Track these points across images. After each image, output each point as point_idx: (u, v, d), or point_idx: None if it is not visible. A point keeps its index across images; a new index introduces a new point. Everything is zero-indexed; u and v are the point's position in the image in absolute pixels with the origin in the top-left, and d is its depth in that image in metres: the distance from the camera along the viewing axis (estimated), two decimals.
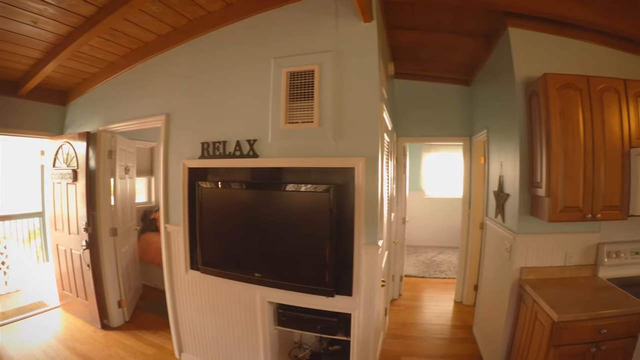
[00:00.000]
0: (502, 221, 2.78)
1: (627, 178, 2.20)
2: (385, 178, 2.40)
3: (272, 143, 2.30)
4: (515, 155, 2.48)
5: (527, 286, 2.33)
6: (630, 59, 2.62)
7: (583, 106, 2.17)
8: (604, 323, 1.97)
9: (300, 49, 2.28)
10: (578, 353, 1.99)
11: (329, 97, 2.16)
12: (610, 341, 1.99)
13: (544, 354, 2.00)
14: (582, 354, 1.99)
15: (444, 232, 6.93)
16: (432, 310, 4.05)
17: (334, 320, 2.27)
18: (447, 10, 2.53)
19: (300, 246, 2.20)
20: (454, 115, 4.03)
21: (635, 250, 2.51)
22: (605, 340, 1.98)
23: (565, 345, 1.97)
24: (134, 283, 3.94)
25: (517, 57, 2.40)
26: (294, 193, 2.17)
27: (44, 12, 2.23)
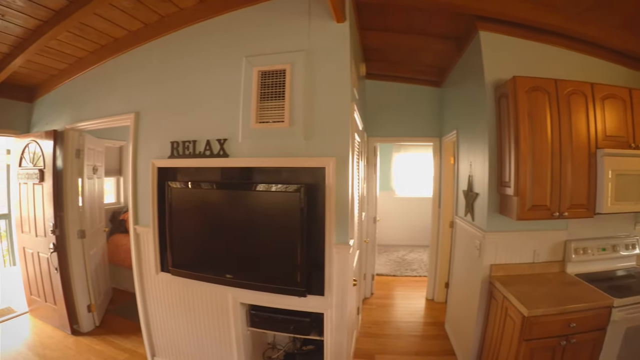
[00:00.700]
0: (471, 220, 2.83)
1: (594, 178, 2.28)
2: (355, 178, 2.40)
3: (243, 143, 2.26)
4: (485, 156, 2.51)
5: (497, 283, 2.38)
6: (597, 64, 2.71)
7: (551, 108, 2.23)
8: (573, 317, 2.03)
9: (273, 48, 2.25)
10: (549, 346, 2.04)
11: (300, 97, 2.13)
12: (580, 334, 2.06)
13: (516, 348, 2.04)
14: (553, 347, 2.05)
15: (414, 231, 7.03)
16: (404, 308, 4.08)
17: (307, 320, 2.25)
18: (420, 12, 2.53)
19: (272, 246, 2.16)
20: (425, 116, 4.09)
21: (602, 247, 2.59)
22: (575, 333, 2.04)
23: (536, 339, 2.01)
24: (104, 286, 3.81)
25: (487, 60, 2.44)
26: (265, 193, 2.13)
27: (13, 5, 2.11)
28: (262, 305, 2.32)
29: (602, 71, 2.71)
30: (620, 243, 2.64)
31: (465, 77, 2.95)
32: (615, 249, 2.62)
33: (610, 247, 2.61)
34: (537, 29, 2.46)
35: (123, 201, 5.13)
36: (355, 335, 3.12)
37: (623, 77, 2.79)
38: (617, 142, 2.33)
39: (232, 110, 2.29)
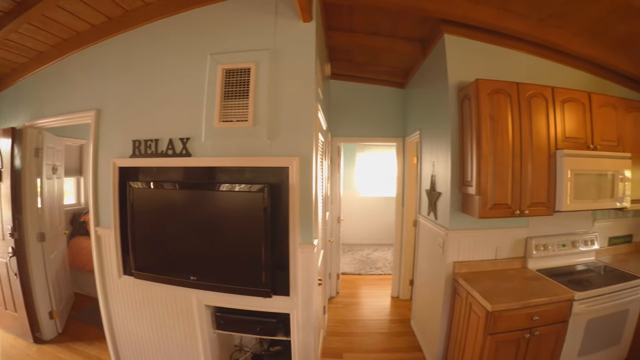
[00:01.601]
0: (434, 218, 2.88)
1: (553, 177, 2.35)
2: (319, 177, 2.39)
3: (206, 142, 2.21)
4: (447, 156, 2.56)
5: (460, 279, 2.42)
6: (558, 68, 2.81)
7: (512, 111, 2.29)
8: (536, 311, 2.10)
9: (238, 46, 2.21)
10: (513, 339, 2.10)
11: (265, 96, 2.11)
12: (543, 327, 2.14)
13: (481, 342, 2.09)
14: (517, 340, 2.11)
15: (378, 230, 7.15)
16: (370, 306, 4.12)
17: (273, 320, 2.24)
18: (386, 14, 2.55)
19: (236, 247, 2.13)
20: (388, 117, 4.14)
21: (562, 243, 2.69)
22: (538, 326, 2.13)
23: (500, 333, 2.07)
24: (65, 292, 3.64)
25: (451, 63, 2.49)
26: (228, 193, 2.09)
27: None
28: (228, 307, 2.27)
29: (563, 75, 2.81)
30: (580, 239, 2.75)
31: (429, 79, 2.99)
32: (575, 245, 2.73)
33: (570, 243, 2.71)
34: (501, 34, 2.53)
35: (84, 202, 4.91)
36: (323, 334, 3.12)
37: (583, 81, 2.90)
38: (576, 143, 2.42)
39: (195, 108, 2.23)
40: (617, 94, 2.92)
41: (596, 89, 2.86)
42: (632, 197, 2.64)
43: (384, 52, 3.26)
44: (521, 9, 2.29)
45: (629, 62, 2.85)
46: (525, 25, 2.42)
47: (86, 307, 3.80)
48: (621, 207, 2.56)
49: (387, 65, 3.70)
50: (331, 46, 3.16)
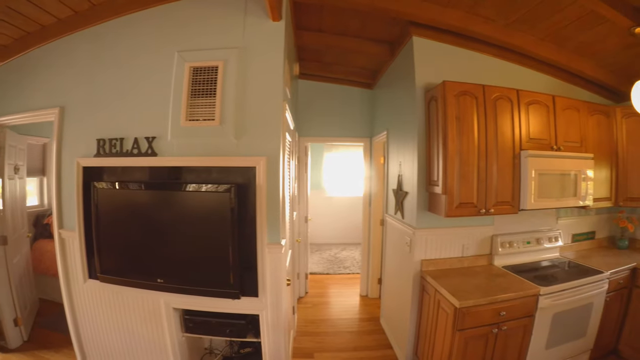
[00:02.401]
0: (401, 217, 2.92)
1: (518, 177, 2.43)
2: (286, 177, 2.38)
3: (172, 141, 2.16)
4: (414, 156, 2.60)
5: (428, 277, 2.47)
6: (523, 72, 2.91)
7: (478, 112, 2.34)
8: (503, 306, 2.16)
9: (206, 43, 2.18)
10: (481, 334, 2.16)
11: (232, 95, 2.08)
12: (510, 322, 2.21)
13: (450, 338, 2.14)
14: (485, 335, 2.16)
15: (346, 229, 7.25)
16: (339, 305, 4.14)
17: (243, 322, 2.21)
18: (356, 15, 2.57)
19: (203, 248, 2.09)
20: (356, 117, 4.19)
21: (527, 240, 2.78)
22: (506, 321, 2.19)
23: (469, 329, 2.12)
24: (30, 297, 3.48)
25: (418, 64, 2.54)
26: (195, 193, 2.05)
27: None
28: (196, 309, 2.23)
29: (529, 79, 2.91)
30: (544, 236, 2.85)
31: (397, 80, 3.04)
32: (539, 242, 2.83)
33: (535, 240, 2.81)
34: (469, 37, 2.59)
35: (47, 203, 4.70)
36: (293, 335, 3.11)
37: (548, 84, 3.01)
38: (540, 144, 2.51)
39: (161, 107, 2.19)
40: (580, 97, 3.05)
41: (560, 92, 2.97)
42: (595, 195, 2.77)
43: (353, 53, 3.28)
44: (489, 13, 2.36)
45: (592, 67, 2.97)
46: (492, 30, 2.48)
47: (52, 313, 3.65)
48: (584, 205, 2.66)
49: (355, 66, 3.73)
50: (300, 46, 3.16)
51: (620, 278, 2.68)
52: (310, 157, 4.55)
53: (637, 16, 2.10)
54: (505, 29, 2.51)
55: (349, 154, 7.28)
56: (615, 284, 2.63)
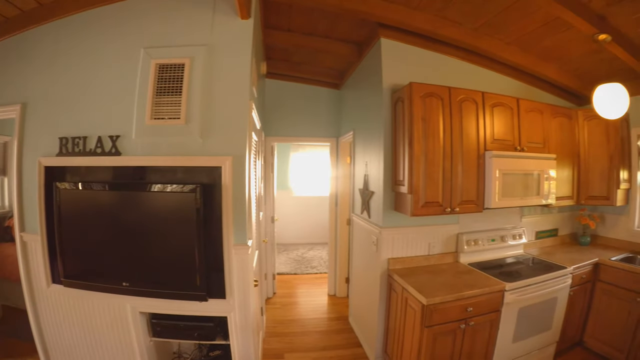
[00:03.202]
0: (368, 217, 2.97)
1: (482, 176, 2.50)
2: (252, 177, 2.38)
3: (137, 140, 2.11)
4: (380, 156, 2.65)
5: (395, 275, 2.52)
6: (489, 75, 3.01)
7: (444, 113, 2.40)
8: (470, 302, 2.23)
9: (174, 40, 2.14)
10: (449, 330, 2.21)
11: (198, 93, 2.06)
12: (477, 317, 2.27)
13: (419, 335, 2.18)
14: (453, 330, 2.22)
15: (312, 229, 7.32)
16: (307, 305, 4.16)
17: (211, 325, 2.18)
18: (325, 15, 2.59)
19: (169, 250, 2.06)
20: (323, 117, 4.23)
21: (492, 238, 2.88)
22: (473, 316, 2.25)
23: (437, 325, 2.16)
24: None
25: (386, 66, 2.58)
26: (160, 194, 2.02)
27: None
28: (163, 313, 2.19)
29: (494, 81, 3.01)
30: (508, 234, 2.96)
31: (364, 81, 3.09)
32: (504, 239, 2.93)
33: (499, 238, 2.91)
34: (437, 40, 2.65)
35: (8, 205, 4.49)
36: (262, 336, 3.10)
37: (512, 87, 3.12)
38: (504, 145, 2.59)
39: (126, 105, 2.14)
40: (544, 100, 3.19)
41: (525, 95, 3.09)
42: (557, 194, 2.89)
43: (321, 53, 3.30)
44: (457, 17, 2.42)
45: (556, 72, 3.11)
46: (460, 33, 2.55)
47: (15, 320, 3.50)
48: (547, 203, 2.78)
49: (323, 66, 3.76)
50: (268, 45, 3.15)
51: (583, 273, 2.81)
52: (276, 157, 4.55)
53: (600, 24, 2.20)
54: (472, 32, 2.59)
55: (316, 153, 7.37)
56: (578, 279, 2.77)
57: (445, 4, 2.28)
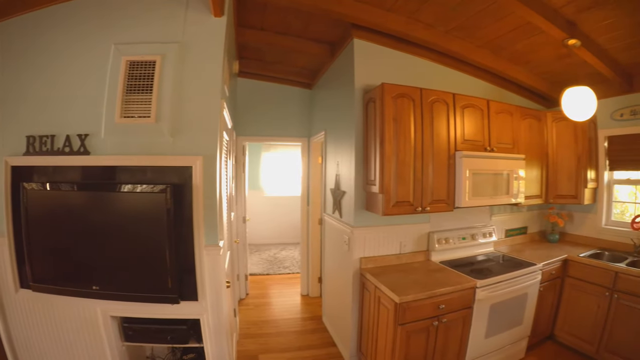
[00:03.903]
0: (339, 216, 3.02)
1: (453, 176, 2.57)
2: (224, 177, 2.38)
3: (106, 139, 2.08)
4: (351, 156, 2.69)
5: (367, 274, 2.56)
6: (461, 77, 3.10)
7: (415, 114, 2.46)
8: (442, 299, 2.29)
9: (145, 37, 2.12)
10: (422, 328, 2.26)
11: (169, 91, 2.04)
12: (450, 314, 2.34)
13: (392, 333, 2.22)
14: (426, 328, 2.28)
15: (284, 229, 7.40)
16: (281, 305, 4.20)
17: (184, 327, 2.17)
18: (299, 15, 2.62)
19: (140, 252, 2.03)
20: (295, 117, 4.27)
21: (462, 236, 2.96)
22: (445, 313, 2.32)
23: (410, 323, 2.21)
24: None
25: (358, 66, 2.62)
26: (130, 194, 1.99)
27: None
28: (135, 316, 2.16)
29: (465, 83, 3.10)
30: (479, 232, 3.05)
31: (337, 81, 3.14)
32: (474, 238, 3.01)
33: (470, 236, 2.99)
34: (409, 42, 2.71)
35: None
36: (236, 337, 3.10)
37: (483, 89, 3.22)
38: (474, 145, 2.67)
39: (95, 102, 2.10)
40: (514, 102, 3.29)
41: (495, 97, 3.19)
42: (526, 193, 2.99)
43: (294, 52, 3.32)
44: (429, 19, 2.49)
45: (526, 75, 3.23)
46: (432, 35, 2.62)
47: None
48: (516, 202, 2.88)
49: (296, 66, 3.79)
50: (241, 43, 3.15)
51: (553, 269, 2.93)
52: (248, 157, 4.56)
53: (570, 29, 2.31)
54: (444, 35, 2.67)
55: (287, 153, 7.45)
56: (548, 275, 2.88)
57: (419, 6, 2.34)
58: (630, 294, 2.54)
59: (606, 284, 2.69)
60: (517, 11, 2.19)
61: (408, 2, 2.30)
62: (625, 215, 3.30)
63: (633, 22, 2.23)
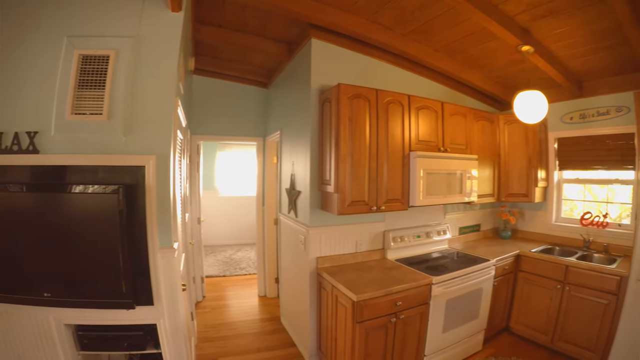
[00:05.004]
0: (295, 216, 3.17)
1: (407, 176, 2.79)
2: (177, 177, 2.45)
3: (56, 137, 2.08)
4: (307, 155, 2.84)
5: (324, 274, 2.70)
6: (415, 79, 3.35)
7: (370, 115, 2.64)
8: (398, 296, 2.45)
9: (100, 30, 2.14)
10: (381, 325, 2.42)
11: (122, 88, 2.09)
12: (407, 310, 2.52)
13: (351, 331, 2.36)
14: (385, 325, 2.44)
15: (240, 229, 7.64)
16: (238, 307, 4.34)
17: (140, 333, 2.22)
18: (257, 13, 2.73)
19: (92, 256, 2.06)
20: (250, 116, 4.42)
21: (417, 234, 3.20)
22: (402, 310, 2.49)
23: (368, 320, 2.35)
24: None
25: (315, 66, 2.77)
26: (82, 195, 2.02)
27: None
28: (89, 324, 2.19)
29: (422, 86, 3.36)
30: (433, 230, 3.31)
31: (293, 81, 3.28)
32: (429, 236, 3.27)
33: (425, 234, 3.25)
34: (367, 43, 2.89)
35: None
36: (194, 342, 3.18)
37: (438, 92, 3.50)
38: (428, 145, 2.92)
39: (46, 98, 2.10)
40: (467, 104, 3.60)
41: (449, 99, 3.49)
42: (479, 192, 3.29)
43: (251, 51, 3.43)
44: (388, 22, 2.66)
45: (480, 78, 3.53)
46: (389, 38, 2.81)
47: None
48: (469, 201, 3.17)
49: (252, 64, 3.91)
50: (198, 40, 3.22)
51: (506, 264, 3.23)
52: (202, 156, 4.65)
53: (523, 35, 2.54)
54: (402, 38, 2.86)
55: (242, 153, 7.65)
56: (501, 270, 3.17)
57: (378, 8, 2.48)
58: (581, 285, 2.87)
59: (558, 277, 3.02)
60: (473, 17, 2.39)
61: (367, 4, 2.45)
62: (575, 212, 3.69)
63: (585, 32, 2.50)
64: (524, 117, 2.83)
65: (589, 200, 3.62)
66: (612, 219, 3.33)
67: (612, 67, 2.99)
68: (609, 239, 3.24)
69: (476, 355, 3.07)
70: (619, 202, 3.41)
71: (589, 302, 2.83)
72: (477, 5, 2.21)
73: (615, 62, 2.89)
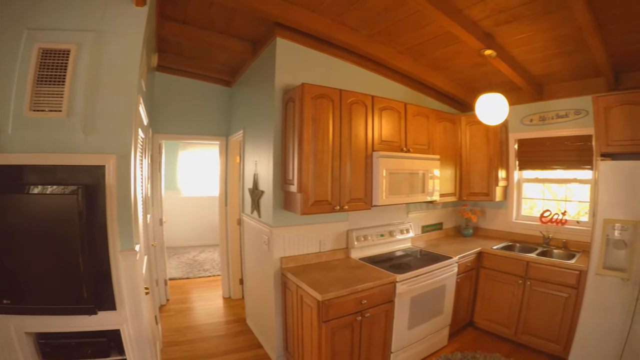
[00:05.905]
0: (258, 216, 3.28)
1: (370, 175, 2.97)
2: (139, 177, 2.48)
3: (14, 134, 2.08)
4: (270, 155, 2.95)
5: (288, 274, 2.82)
6: (381, 80, 3.55)
7: (334, 115, 2.78)
8: (363, 295, 2.58)
9: (61, 23, 2.15)
10: (347, 323, 2.54)
11: (83, 84, 2.12)
12: (372, 308, 2.64)
13: (317, 331, 2.46)
14: (350, 323, 2.56)
15: (203, 230, 7.80)
16: (203, 310, 4.44)
17: (104, 340, 2.26)
18: (223, 10, 2.81)
19: (52, 259, 2.08)
20: (213, 115, 4.52)
21: (380, 233, 3.40)
22: (368, 308, 2.61)
23: (333, 319, 2.46)
24: None
25: (279, 66, 2.88)
26: (40, 196, 2.04)
27: None
28: (51, 331, 2.21)
29: (386, 87, 3.56)
30: (396, 229, 3.53)
31: (257, 79, 3.39)
32: (392, 234, 3.48)
33: (388, 233, 3.46)
34: (332, 44, 3.02)
35: None
36: (159, 346, 3.23)
37: (402, 93, 3.73)
38: (391, 146, 3.12)
39: (3, 93, 2.08)
40: (430, 105, 3.86)
41: (413, 101, 3.72)
42: (441, 191, 3.54)
43: (216, 48, 3.54)
44: (353, 23, 2.79)
45: (443, 80, 3.77)
46: (355, 39, 2.95)
47: None
48: (431, 200, 3.40)
49: (216, 62, 4.00)
50: (161, 36, 3.25)
51: (468, 261, 3.48)
52: (164, 156, 4.70)
53: (486, 40, 2.72)
54: (367, 39, 3.00)
55: (205, 152, 7.80)
56: (464, 267, 3.42)
57: (344, 9, 2.60)
58: (542, 280, 3.15)
59: (519, 272, 3.29)
60: (438, 21, 2.52)
61: (334, 5, 2.55)
62: (534, 210, 4.03)
63: (547, 37, 2.69)
64: (485, 119, 3.05)
65: (549, 199, 3.96)
66: (570, 216, 3.66)
67: (572, 72, 3.27)
68: (568, 235, 3.54)
69: (442, 350, 3.29)
70: (577, 200, 3.75)
71: (551, 296, 3.10)
72: (442, 9, 2.36)
73: (575, 67, 3.16)
